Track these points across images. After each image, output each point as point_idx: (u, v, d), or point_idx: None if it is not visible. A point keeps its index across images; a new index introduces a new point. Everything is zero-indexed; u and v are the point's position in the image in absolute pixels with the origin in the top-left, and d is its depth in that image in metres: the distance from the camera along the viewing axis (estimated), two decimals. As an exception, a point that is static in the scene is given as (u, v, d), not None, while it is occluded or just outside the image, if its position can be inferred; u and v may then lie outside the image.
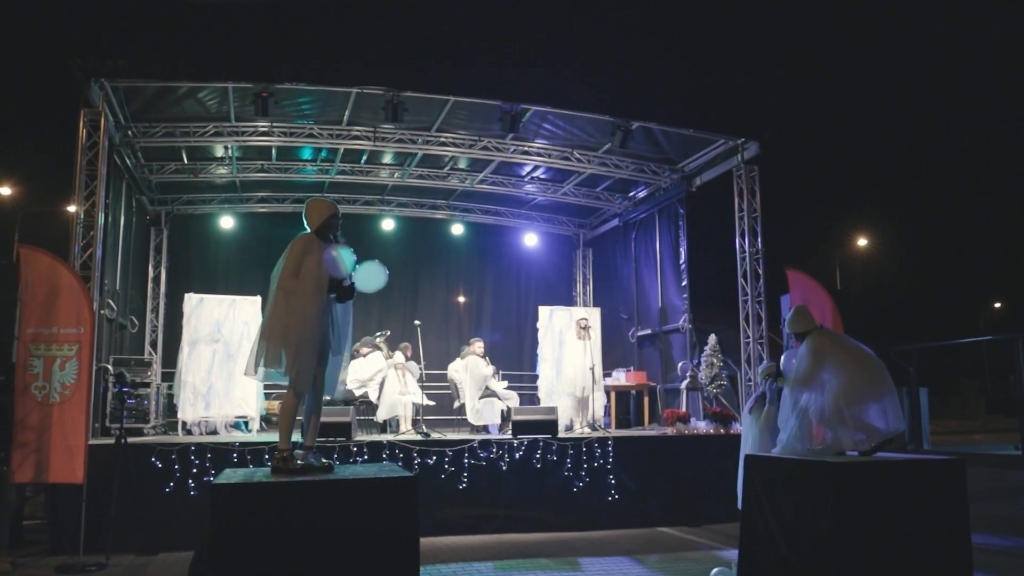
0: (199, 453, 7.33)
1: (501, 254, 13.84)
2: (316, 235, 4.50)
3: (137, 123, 9.39)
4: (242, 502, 3.81)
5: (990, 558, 6.58)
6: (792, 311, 5.94)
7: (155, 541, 6.99)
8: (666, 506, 8.40)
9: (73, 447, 6.50)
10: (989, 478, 12.56)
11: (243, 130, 9.80)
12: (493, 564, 6.64)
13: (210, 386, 8.87)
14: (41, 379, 6.56)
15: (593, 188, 12.39)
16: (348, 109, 9.42)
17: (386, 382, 9.47)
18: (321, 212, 4.52)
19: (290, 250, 4.42)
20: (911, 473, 4.91)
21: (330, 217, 4.52)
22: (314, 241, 4.45)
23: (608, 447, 8.42)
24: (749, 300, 9.75)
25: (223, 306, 9.16)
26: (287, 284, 4.34)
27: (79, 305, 6.76)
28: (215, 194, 12.21)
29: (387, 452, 7.79)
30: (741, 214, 9.90)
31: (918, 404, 16.63)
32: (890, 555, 4.62)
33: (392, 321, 12.28)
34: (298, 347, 4.25)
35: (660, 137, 10.33)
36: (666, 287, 11.69)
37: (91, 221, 7.73)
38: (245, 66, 8.46)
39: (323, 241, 4.48)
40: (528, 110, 9.41)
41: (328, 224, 4.51)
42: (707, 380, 10.27)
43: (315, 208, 4.56)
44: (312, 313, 4.29)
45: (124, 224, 9.86)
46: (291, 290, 4.33)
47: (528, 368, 12.47)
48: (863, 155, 35.58)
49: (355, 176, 11.66)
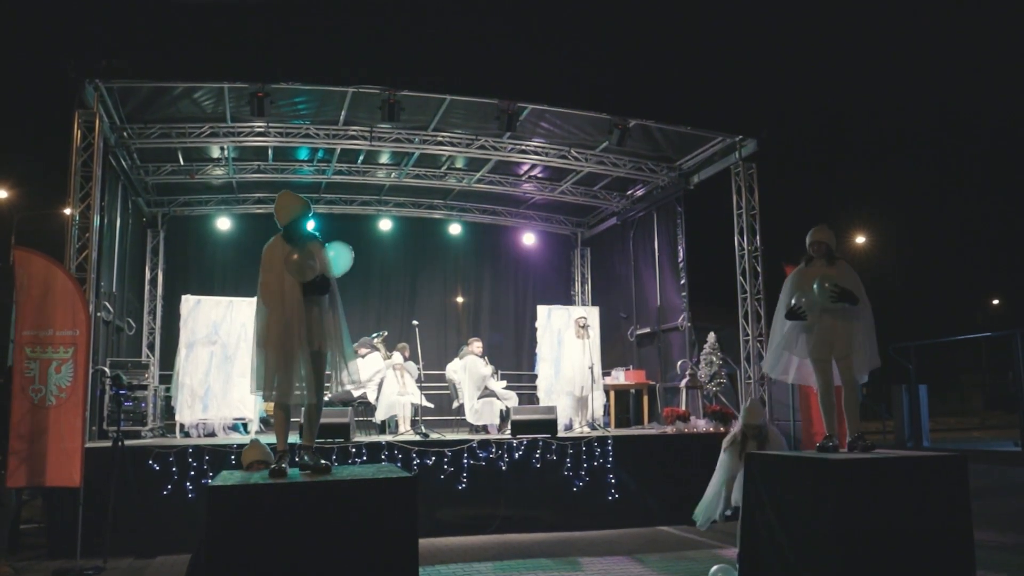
0: (197, 455, 7.30)
1: (499, 253, 13.82)
2: (283, 233, 4.34)
3: (132, 124, 9.35)
4: (239, 504, 3.78)
5: (992, 555, 6.57)
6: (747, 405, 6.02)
7: (153, 544, 6.96)
8: (666, 505, 8.37)
9: (70, 450, 6.47)
10: (989, 474, 12.55)
11: (239, 130, 9.76)
12: (493, 564, 6.61)
13: (208, 388, 8.83)
14: (37, 382, 6.53)
15: (591, 187, 12.37)
16: (344, 109, 9.39)
17: (384, 383, 9.44)
18: (289, 208, 4.34)
19: (262, 261, 4.30)
20: (912, 470, 4.88)
21: (296, 215, 4.32)
22: (277, 245, 4.30)
23: (608, 446, 8.40)
24: (748, 298, 9.72)
25: (220, 308, 9.12)
26: (260, 295, 4.27)
27: (75, 307, 6.72)
28: (211, 195, 12.18)
29: (386, 453, 7.76)
30: (739, 212, 9.88)
31: (917, 401, 16.62)
32: (892, 552, 4.60)
33: (390, 321, 12.25)
34: (265, 358, 4.17)
35: (657, 135, 10.31)
36: (664, 285, 11.67)
37: (86, 223, 7.69)
38: (241, 66, 8.42)
39: (289, 241, 4.30)
40: (525, 108, 9.38)
41: (295, 220, 4.32)
42: (706, 378, 10.25)
43: (283, 205, 4.37)
44: (276, 321, 4.16)
45: (120, 226, 9.83)
46: (260, 300, 4.26)
47: (527, 368, 12.46)
48: (861, 151, 35.63)
49: (352, 176, 11.63)
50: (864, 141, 36.03)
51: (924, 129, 34.97)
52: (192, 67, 8.39)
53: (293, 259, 4.19)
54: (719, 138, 10.12)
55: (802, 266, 5.49)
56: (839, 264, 5.44)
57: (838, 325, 5.22)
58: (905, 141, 35.65)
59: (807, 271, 5.39)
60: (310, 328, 4.24)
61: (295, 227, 4.34)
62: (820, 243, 5.44)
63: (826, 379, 5.31)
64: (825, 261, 5.42)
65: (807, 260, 5.48)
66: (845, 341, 5.26)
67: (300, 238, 4.34)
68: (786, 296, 5.48)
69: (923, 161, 34.90)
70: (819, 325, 5.25)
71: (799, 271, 5.47)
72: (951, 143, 35.00)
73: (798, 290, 5.35)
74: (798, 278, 5.42)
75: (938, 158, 35.14)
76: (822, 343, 5.25)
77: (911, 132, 34.95)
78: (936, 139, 34.58)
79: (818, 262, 5.42)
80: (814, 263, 5.43)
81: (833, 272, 5.32)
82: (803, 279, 5.37)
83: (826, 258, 5.43)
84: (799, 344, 5.39)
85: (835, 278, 5.24)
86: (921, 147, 35.36)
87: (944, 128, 35.00)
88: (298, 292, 4.19)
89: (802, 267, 5.48)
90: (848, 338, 5.26)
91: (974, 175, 34.62)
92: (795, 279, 5.45)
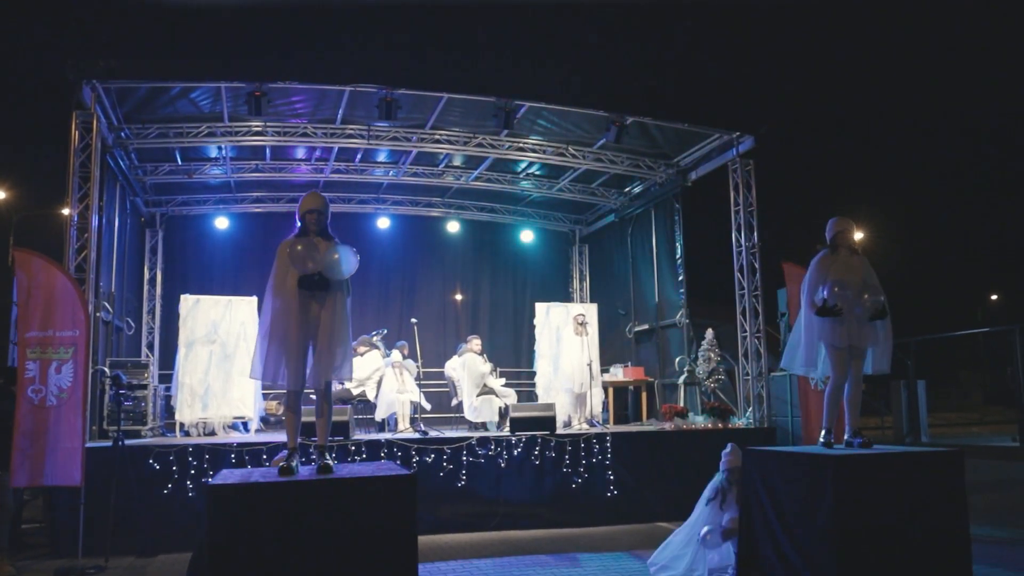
0: (197, 454, 7.32)
1: (497, 251, 13.83)
2: (299, 228, 4.50)
3: (130, 124, 9.35)
4: (239, 503, 3.80)
5: (989, 549, 6.60)
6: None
7: (154, 543, 6.98)
8: (665, 501, 8.39)
9: (70, 450, 6.48)
10: (987, 469, 12.58)
11: (237, 130, 9.76)
12: (492, 561, 6.64)
13: (207, 387, 8.84)
14: (37, 382, 6.54)
15: (588, 184, 12.38)
16: (342, 107, 9.39)
17: (384, 380, 9.47)
18: (305, 204, 4.52)
19: (276, 255, 4.46)
20: (910, 465, 4.91)
21: (306, 212, 4.48)
22: (291, 242, 4.43)
23: (606, 443, 8.42)
24: (746, 294, 9.74)
25: (219, 307, 9.13)
26: (270, 288, 4.40)
27: (74, 308, 6.73)
28: (209, 195, 12.18)
29: (385, 450, 7.78)
30: (737, 208, 9.89)
31: (916, 396, 16.62)
32: (889, 547, 4.62)
33: (389, 319, 12.27)
34: (268, 347, 4.31)
35: (655, 132, 10.32)
36: (663, 282, 11.68)
37: (85, 223, 7.70)
38: (238, 65, 8.44)
39: (304, 236, 4.46)
40: (522, 106, 9.39)
41: (308, 216, 4.47)
42: (705, 375, 10.27)
43: (301, 201, 4.58)
44: (278, 310, 4.32)
45: (119, 226, 9.84)
46: (269, 293, 4.39)
47: (526, 365, 12.47)
48: (859, 148, 35.61)
49: (350, 175, 11.63)
50: (862, 137, 36.03)
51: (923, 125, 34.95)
52: (189, 67, 8.40)
53: (297, 250, 4.31)
54: (717, 135, 10.13)
55: (826, 254, 5.40)
56: (862, 257, 5.43)
57: (864, 318, 5.23)
58: (904, 137, 35.66)
59: (835, 260, 5.33)
60: (309, 321, 4.35)
61: (307, 221, 4.48)
62: (846, 232, 5.43)
63: (842, 370, 5.27)
64: (848, 251, 5.42)
65: (832, 249, 5.42)
66: (868, 334, 5.26)
67: (312, 232, 4.47)
68: (811, 289, 5.33)
69: (922, 157, 34.91)
70: (848, 315, 5.21)
71: (825, 260, 5.37)
72: (951, 139, 35.00)
73: (838, 277, 5.21)
74: (825, 267, 5.33)
75: (937, 154, 35.15)
76: (845, 331, 5.20)
77: (910, 128, 34.96)
78: (936, 135, 34.58)
79: (843, 251, 5.40)
80: (840, 252, 5.39)
81: (857, 266, 5.31)
82: (834, 268, 5.28)
83: (849, 248, 5.43)
84: (821, 327, 5.28)
85: (863, 274, 5.25)
86: (920, 143, 35.37)
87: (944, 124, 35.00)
88: (297, 285, 4.32)
89: (827, 256, 5.38)
90: (872, 333, 5.27)
91: (974, 171, 34.64)
92: (821, 268, 5.34)
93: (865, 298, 5.19)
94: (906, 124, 35.15)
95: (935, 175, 34.69)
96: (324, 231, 4.51)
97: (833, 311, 5.17)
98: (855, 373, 5.30)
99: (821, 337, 5.32)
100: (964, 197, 33.87)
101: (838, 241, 5.43)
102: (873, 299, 5.20)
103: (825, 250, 5.46)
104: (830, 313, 5.18)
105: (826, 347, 5.32)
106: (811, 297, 5.32)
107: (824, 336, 5.28)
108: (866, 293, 5.23)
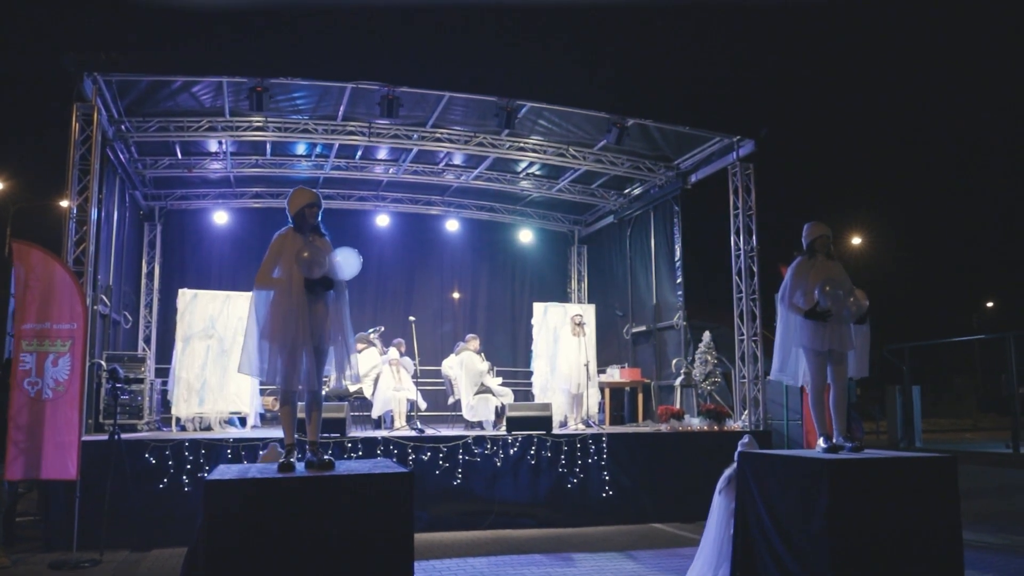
0: (193, 449, 7.32)
1: (496, 250, 13.84)
2: (294, 225, 4.49)
3: (131, 117, 9.34)
4: (235, 498, 3.80)
5: (982, 554, 6.63)
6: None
7: (149, 537, 6.98)
8: (660, 502, 8.42)
9: (66, 443, 6.47)
10: (980, 475, 12.63)
11: (237, 125, 9.76)
12: (487, 560, 6.65)
13: (204, 382, 8.84)
14: (34, 375, 6.53)
15: (588, 185, 12.39)
16: (343, 104, 9.39)
17: (380, 378, 9.47)
18: (297, 200, 4.50)
19: (269, 248, 4.44)
20: (903, 470, 4.93)
21: (305, 206, 4.47)
22: (288, 236, 4.44)
23: (602, 443, 8.44)
24: (744, 298, 9.76)
25: (217, 302, 9.13)
26: (260, 282, 4.38)
27: (72, 300, 6.72)
28: (209, 189, 12.17)
29: (381, 448, 7.79)
30: (736, 211, 9.91)
31: (910, 402, 16.71)
32: (882, 551, 4.64)
33: (386, 317, 12.26)
34: (270, 345, 4.30)
35: (656, 134, 10.33)
36: (661, 284, 11.70)
37: (84, 216, 7.69)
38: (240, 60, 8.42)
39: (301, 233, 4.45)
40: (524, 106, 9.40)
41: (303, 213, 4.47)
42: (701, 377, 10.29)
43: (294, 196, 4.55)
44: (281, 312, 4.29)
45: (117, 219, 9.82)
46: (262, 287, 4.37)
47: (523, 364, 12.48)
48: (858, 153, 35.69)
49: (350, 172, 11.63)
50: (861, 143, 36.10)
51: (921, 132, 35.02)
52: (192, 61, 8.39)
53: (303, 256, 4.29)
54: (717, 138, 10.15)
55: (804, 260, 5.45)
56: (837, 261, 5.49)
57: (843, 322, 5.26)
58: (902, 143, 35.73)
59: (813, 265, 5.38)
60: (313, 323, 4.34)
61: (302, 218, 4.48)
62: (824, 237, 5.47)
63: (820, 375, 5.29)
64: (825, 256, 5.46)
65: (810, 254, 5.47)
66: (847, 339, 5.30)
67: (309, 230, 4.47)
68: (788, 294, 5.38)
69: (919, 163, 34.99)
70: (833, 317, 5.24)
71: (803, 266, 5.42)
72: (948, 146, 35.07)
73: (823, 281, 5.21)
74: (803, 272, 5.38)
75: (934, 161, 35.22)
76: (826, 335, 5.22)
77: (908, 135, 35.02)
78: (933, 142, 34.66)
79: (820, 256, 5.45)
80: (817, 257, 5.44)
81: (837, 270, 5.36)
82: (814, 273, 5.33)
83: (826, 253, 5.47)
84: (801, 332, 5.31)
85: (841, 278, 5.28)
86: (918, 149, 35.45)
87: (941, 131, 35.07)
88: (302, 283, 4.31)
89: (805, 261, 5.44)
90: (850, 337, 5.31)
91: (970, 178, 34.72)
92: (798, 274, 5.39)
93: (851, 301, 5.24)
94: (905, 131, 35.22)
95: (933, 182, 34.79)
96: (318, 226, 4.53)
97: (824, 314, 5.20)
98: (838, 378, 5.33)
99: (800, 342, 5.35)
100: (961, 204, 33.97)
101: (815, 247, 5.49)
102: (859, 302, 5.26)
103: (802, 256, 5.51)
104: (820, 317, 5.21)
105: (805, 352, 5.34)
106: (789, 301, 5.38)
107: (804, 341, 5.31)
108: (851, 296, 5.28)
